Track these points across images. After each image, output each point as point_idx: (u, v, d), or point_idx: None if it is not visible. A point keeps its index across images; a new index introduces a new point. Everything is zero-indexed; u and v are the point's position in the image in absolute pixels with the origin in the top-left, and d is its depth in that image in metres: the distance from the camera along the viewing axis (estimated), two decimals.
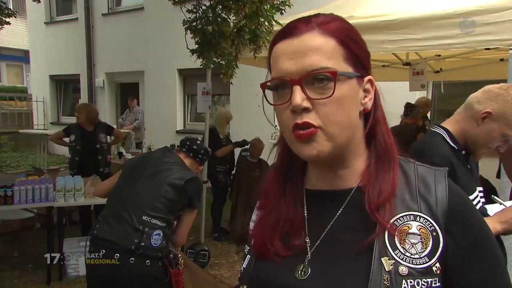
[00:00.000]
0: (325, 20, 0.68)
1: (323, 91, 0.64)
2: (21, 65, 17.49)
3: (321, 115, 0.64)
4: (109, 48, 9.61)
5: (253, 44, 3.22)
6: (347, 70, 0.66)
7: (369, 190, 0.68)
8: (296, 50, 0.65)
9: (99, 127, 4.49)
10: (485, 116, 1.45)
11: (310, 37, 0.65)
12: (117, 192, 2.27)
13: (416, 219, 0.65)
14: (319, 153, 0.65)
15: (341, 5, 3.46)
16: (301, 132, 0.65)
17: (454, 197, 0.68)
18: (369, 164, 0.71)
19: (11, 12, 5.61)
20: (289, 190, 0.76)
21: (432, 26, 2.57)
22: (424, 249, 0.64)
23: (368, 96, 0.70)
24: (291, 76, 0.65)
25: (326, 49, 0.65)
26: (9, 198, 3.54)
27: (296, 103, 0.63)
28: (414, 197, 0.68)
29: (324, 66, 0.64)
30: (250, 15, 3.06)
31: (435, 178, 0.70)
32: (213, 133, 4.56)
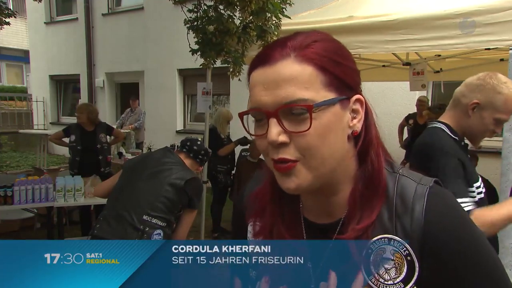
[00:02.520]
0: (303, 43, 0.62)
1: (300, 123, 0.60)
2: (21, 65, 17.49)
3: (299, 149, 0.61)
4: (109, 48, 9.61)
5: (261, 40, 3.21)
6: (328, 96, 0.61)
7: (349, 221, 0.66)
8: (270, 80, 0.61)
9: (99, 127, 4.49)
10: (474, 106, 1.53)
11: (284, 66, 0.60)
12: (118, 192, 2.27)
13: (390, 243, 0.62)
14: (298, 186, 0.62)
15: (341, 5, 3.46)
16: (280, 166, 0.62)
17: (432, 216, 0.63)
18: (353, 190, 0.67)
19: (11, 12, 5.62)
20: (287, 214, 0.72)
21: (432, 26, 2.57)
22: (398, 275, 0.60)
23: (357, 117, 0.65)
24: (267, 108, 0.61)
25: (302, 78, 0.60)
26: (9, 198, 3.54)
27: (271, 139, 0.60)
28: (391, 216, 0.64)
29: (299, 97, 0.59)
30: (257, 11, 3.05)
31: (414, 193, 0.65)
32: (213, 132, 4.56)
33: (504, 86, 1.50)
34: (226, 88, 7.52)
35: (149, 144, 7.18)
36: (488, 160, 4.51)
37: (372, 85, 5.07)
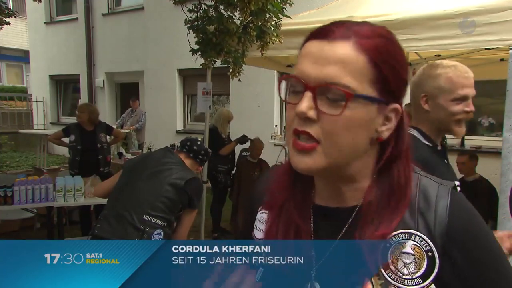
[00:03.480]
0: (367, 33, 0.62)
1: (334, 107, 0.60)
2: (21, 65, 17.48)
3: (323, 130, 0.60)
4: (109, 48, 9.61)
5: (260, 41, 3.21)
6: (370, 93, 0.61)
7: (366, 219, 0.64)
8: (322, 55, 0.61)
9: (99, 127, 4.49)
10: (425, 100, 1.49)
11: (340, 47, 0.60)
12: (118, 192, 2.27)
13: (411, 238, 0.62)
14: (308, 168, 0.63)
15: (341, 5, 3.46)
16: (299, 143, 0.62)
17: (456, 216, 0.62)
18: (373, 187, 0.66)
19: (11, 12, 5.61)
20: (299, 199, 0.72)
21: (432, 26, 2.57)
22: (417, 270, 0.60)
23: (387, 125, 0.64)
24: (308, 81, 0.61)
25: (352, 66, 0.60)
26: (9, 198, 3.54)
27: (300, 110, 0.60)
28: (413, 213, 0.64)
29: (343, 83, 0.59)
30: (256, 12, 3.05)
31: (437, 192, 0.65)
32: (214, 132, 4.56)
33: (438, 68, 1.49)
34: (226, 88, 7.52)
35: (149, 144, 7.18)
36: (488, 160, 4.51)
37: None
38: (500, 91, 2.52)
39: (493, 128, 5.64)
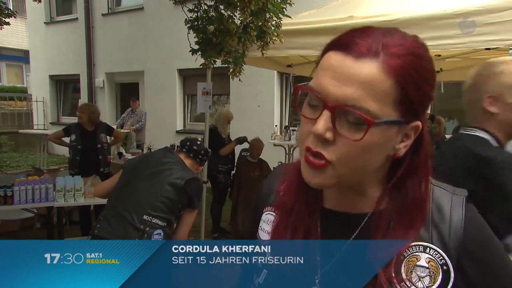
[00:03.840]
0: (397, 51, 0.57)
1: (353, 130, 0.56)
2: (21, 65, 17.48)
3: (338, 153, 0.57)
4: (109, 48, 9.61)
5: (260, 41, 3.21)
6: (391, 116, 0.57)
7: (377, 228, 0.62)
8: (344, 73, 0.56)
9: (99, 127, 4.49)
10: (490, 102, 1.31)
11: (366, 67, 0.55)
12: (118, 192, 2.27)
13: (426, 251, 0.60)
14: (319, 184, 0.61)
15: (341, 5, 3.46)
16: (310, 159, 0.59)
17: (471, 228, 0.61)
18: (384, 194, 0.64)
19: (11, 12, 5.61)
20: (308, 201, 0.70)
21: (432, 26, 2.57)
22: (432, 283, 0.59)
23: (405, 142, 0.61)
24: (327, 99, 0.56)
25: (377, 88, 0.55)
26: (9, 198, 3.54)
27: (318, 132, 0.57)
28: (427, 225, 0.62)
29: (365, 107, 0.55)
30: (257, 11, 3.05)
31: (451, 203, 0.63)
32: (214, 132, 4.56)
33: (500, 65, 1.32)
34: (226, 88, 7.52)
35: (149, 144, 7.18)
36: None
37: None
38: None
39: None
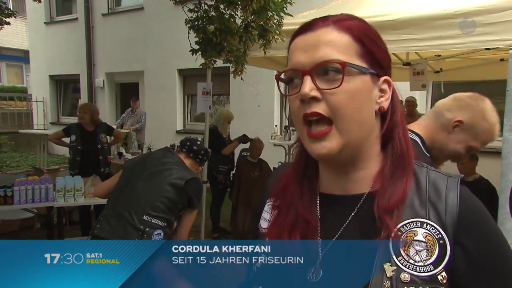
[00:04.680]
0: (342, 18, 0.69)
1: (332, 82, 0.64)
2: (21, 65, 17.47)
3: (330, 106, 0.64)
4: (109, 48, 9.61)
5: (262, 39, 3.20)
6: (362, 64, 0.66)
7: (379, 195, 0.67)
8: (309, 43, 0.66)
9: (100, 127, 4.49)
10: (456, 125, 1.42)
11: (324, 32, 0.67)
12: (118, 192, 2.27)
13: (423, 226, 0.64)
14: (329, 151, 0.65)
15: (341, 5, 3.46)
16: (314, 131, 0.65)
17: (466, 206, 0.65)
18: (382, 168, 0.70)
19: (11, 12, 5.61)
20: (306, 191, 0.75)
21: (432, 26, 2.57)
22: (429, 257, 0.62)
23: (384, 96, 0.70)
24: (303, 68, 0.66)
25: (338, 43, 0.66)
26: (9, 198, 3.54)
27: (304, 92, 0.64)
28: (424, 203, 0.66)
29: (334, 58, 0.64)
30: (258, 10, 3.05)
31: (447, 184, 0.67)
32: (214, 132, 4.56)
33: (492, 114, 1.41)
34: (226, 88, 7.52)
35: (149, 144, 7.18)
36: (488, 160, 4.51)
37: None
38: (500, 91, 2.52)
39: None
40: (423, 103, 5.89)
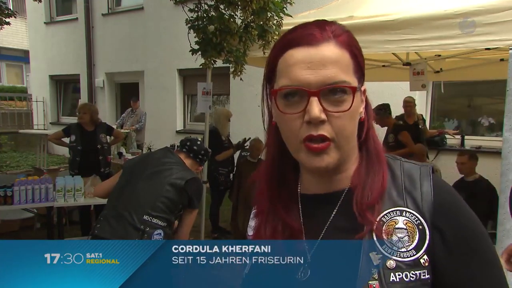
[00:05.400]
0: (338, 31, 0.68)
1: (338, 104, 0.65)
2: (21, 65, 17.47)
3: (335, 128, 0.65)
4: (109, 48, 9.61)
5: (262, 40, 3.21)
6: (356, 82, 0.68)
7: (357, 192, 0.69)
8: (314, 60, 0.65)
9: (99, 127, 4.49)
10: None
11: (328, 49, 0.66)
12: (118, 192, 2.27)
13: (402, 214, 0.67)
14: (328, 164, 0.67)
15: (341, 5, 3.46)
16: (315, 146, 0.66)
17: (440, 192, 0.68)
18: (359, 166, 0.73)
19: (11, 12, 5.62)
20: (283, 195, 0.76)
21: (432, 26, 2.57)
22: (410, 242, 0.65)
23: (363, 105, 0.72)
24: (309, 87, 0.64)
25: (342, 62, 0.66)
26: (9, 198, 3.54)
27: (315, 115, 0.63)
28: (401, 193, 0.69)
29: (343, 80, 0.65)
30: (258, 11, 3.05)
31: (420, 173, 0.70)
32: (214, 134, 4.55)
33: None
34: (226, 88, 7.52)
35: (149, 144, 7.17)
36: (488, 160, 4.51)
37: (372, 85, 5.04)
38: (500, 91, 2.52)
39: (493, 128, 5.64)
40: (423, 103, 5.89)
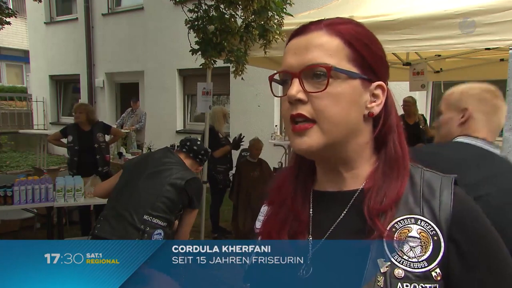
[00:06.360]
0: (335, 21, 0.70)
1: (319, 85, 0.66)
2: (21, 65, 17.47)
3: (315, 109, 0.66)
4: (109, 48, 9.61)
5: (263, 39, 3.21)
6: (349, 69, 0.67)
7: (370, 195, 0.67)
8: (300, 46, 0.68)
9: (96, 126, 4.49)
10: None
11: (315, 35, 0.68)
12: (118, 192, 2.27)
13: (417, 223, 0.64)
14: (309, 147, 0.67)
15: (341, 5, 3.46)
16: (297, 126, 0.67)
17: (460, 204, 0.65)
18: (376, 169, 0.70)
19: (11, 12, 5.61)
20: (299, 189, 0.76)
21: (432, 26, 2.57)
22: (423, 253, 0.62)
23: (376, 102, 0.69)
24: (293, 70, 0.67)
25: (328, 46, 0.67)
26: (9, 198, 3.54)
27: (290, 94, 0.66)
28: (418, 201, 0.66)
29: (322, 62, 0.65)
30: (259, 10, 3.05)
31: (441, 183, 0.67)
32: (211, 132, 4.56)
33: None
34: (226, 88, 7.53)
35: (149, 144, 7.18)
36: None
37: None
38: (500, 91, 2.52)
39: None
40: (423, 103, 5.89)
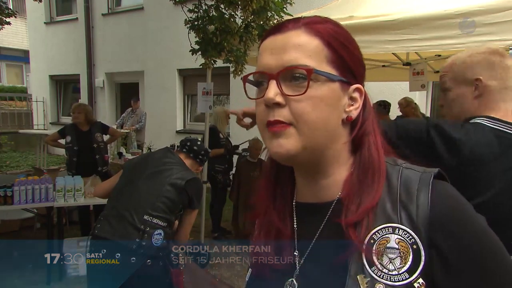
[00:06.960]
0: (315, 20, 0.66)
1: (298, 88, 0.62)
2: (21, 65, 17.48)
3: (293, 112, 0.62)
4: (109, 48, 9.61)
5: None
6: (331, 71, 0.64)
7: (347, 204, 0.64)
8: (278, 45, 0.64)
9: (94, 126, 4.49)
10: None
11: (294, 35, 0.64)
12: (118, 192, 2.27)
13: (395, 232, 0.60)
14: (287, 150, 0.63)
15: (341, 5, 3.46)
16: (272, 127, 0.63)
17: (438, 203, 0.60)
18: (351, 174, 0.67)
19: (11, 12, 5.61)
20: (279, 201, 0.74)
21: (432, 26, 2.57)
22: (403, 265, 0.59)
23: (354, 105, 0.67)
24: (270, 71, 0.64)
25: (307, 47, 0.63)
26: (9, 198, 3.54)
27: (268, 97, 0.62)
28: (395, 206, 0.62)
29: (301, 63, 0.62)
30: (258, 10, 3.05)
31: (419, 182, 0.62)
32: (212, 131, 4.56)
33: None
34: (226, 88, 7.53)
35: (149, 144, 7.18)
36: None
37: (371, 85, 5.05)
38: None
39: None
40: (423, 103, 5.89)
